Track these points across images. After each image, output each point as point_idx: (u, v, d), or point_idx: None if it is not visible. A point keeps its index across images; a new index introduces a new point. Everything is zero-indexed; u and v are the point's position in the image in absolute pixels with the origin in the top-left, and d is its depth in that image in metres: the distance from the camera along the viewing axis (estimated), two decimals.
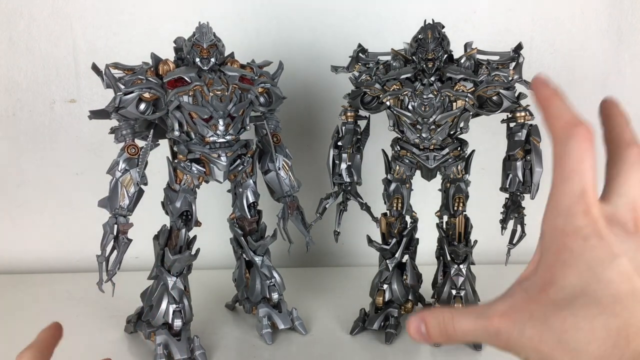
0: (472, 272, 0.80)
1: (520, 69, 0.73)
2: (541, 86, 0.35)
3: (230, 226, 0.80)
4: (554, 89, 0.35)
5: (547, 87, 0.35)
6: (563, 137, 0.31)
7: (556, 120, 0.32)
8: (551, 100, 0.34)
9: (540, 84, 0.35)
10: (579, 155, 0.30)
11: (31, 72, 1.00)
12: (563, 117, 0.32)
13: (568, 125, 0.31)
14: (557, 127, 0.32)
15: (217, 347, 0.77)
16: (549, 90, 0.34)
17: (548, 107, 0.33)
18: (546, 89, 0.35)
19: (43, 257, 1.08)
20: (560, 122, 0.32)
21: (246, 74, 0.71)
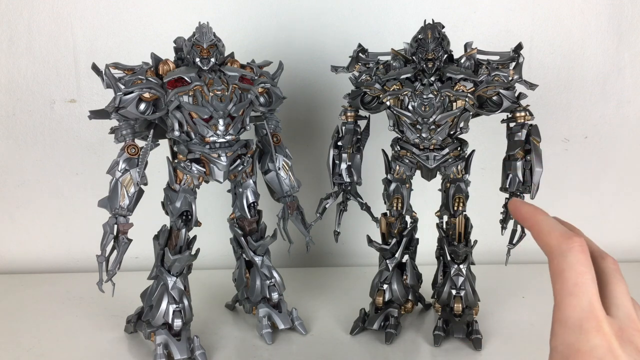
0: (472, 272, 0.80)
1: (520, 69, 0.73)
2: (520, 206, 0.36)
3: (230, 226, 0.80)
4: (534, 206, 0.36)
5: (527, 206, 0.36)
6: (560, 251, 0.32)
7: (549, 234, 0.33)
8: (536, 216, 0.35)
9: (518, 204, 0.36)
10: (580, 268, 0.31)
11: (31, 72, 1.00)
12: (555, 231, 0.33)
13: (563, 239, 0.32)
14: (552, 241, 0.33)
15: (217, 347, 0.77)
16: (530, 208, 0.36)
17: (536, 223, 0.34)
18: (526, 207, 0.36)
19: (43, 257, 1.08)
20: (553, 235, 0.33)
21: (246, 74, 0.71)
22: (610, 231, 1.10)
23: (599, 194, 1.09)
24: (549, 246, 0.33)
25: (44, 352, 0.76)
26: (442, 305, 0.80)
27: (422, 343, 0.78)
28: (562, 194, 1.08)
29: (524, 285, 0.95)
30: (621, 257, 1.14)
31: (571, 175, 1.08)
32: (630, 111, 1.05)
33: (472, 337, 0.76)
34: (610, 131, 1.05)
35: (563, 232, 0.33)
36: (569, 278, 0.31)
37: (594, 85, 1.04)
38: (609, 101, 1.04)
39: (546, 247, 0.33)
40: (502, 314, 0.85)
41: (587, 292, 0.31)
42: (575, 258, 0.31)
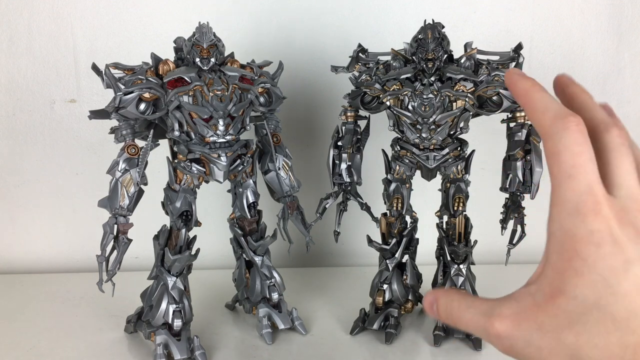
0: (472, 272, 0.80)
1: (520, 69, 0.73)
2: (518, 79, 0.33)
3: (230, 226, 0.80)
4: (532, 80, 0.33)
5: (525, 80, 0.33)
6: (555, 131, 0.30)
7: (542, 114, 0.31)
8: (532, 93, 0.32)
9: (516, 76, 0.33)
10: (577, 148, 0.29)
11: (31, 72, 1.00)
12: (549, 110, 0.31)
13: (557, 118, 0.30)
14: (546, 121, 0.30)
15: (217, 347, 0.77)
16: (527, 83, 0.33)
17: (530, 100, 0.32)
18: (524, 81, 0.33)
19: (43, 257, 1.08)
20: (547, 115, 0.30)
21: (246, 74, 0.71)
22: None
23: None
24: (542, 127, 0.30)
25: (44, 352, 0.76)
26: None
27: (422, 343, 0.78)
28: None
29: None
30: None
31: None
32: (630, 111, 1.05)
33: (472, 337, 0.76)
34: None
35: (558, 110, 0.30)
36: (565, 160, 0.29)
37: (594, 85, 1.04)
38: (609, 101, 1.03)
39: (540, 128, 0.31)
40: None
41: (585, 174, 0.28)
42: (571, 138, 0.29)
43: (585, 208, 0.28)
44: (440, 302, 0.35)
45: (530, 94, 0.32)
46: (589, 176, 0.28)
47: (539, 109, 0.31)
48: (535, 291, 0.30)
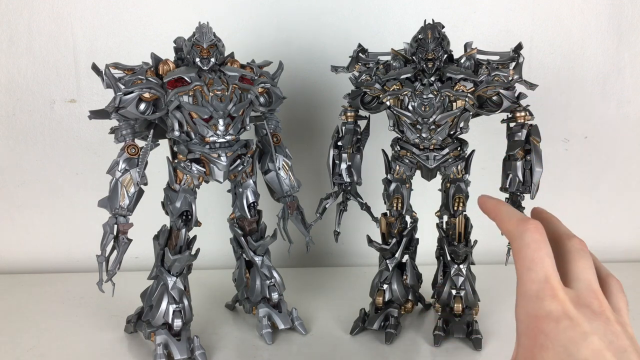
0: (472, 272, 0.80)
1: (520, 69, 0.73)
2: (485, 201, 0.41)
3: (230, 226, 0.80)
4: (497, 199, 0.41)
5: (490, 199, 0.40)
6: (517, 233, 0.36)
7: (508, 221, 0.37)
8: (498, 208, 0.39)
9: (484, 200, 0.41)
10: (535, 245, 0.34)
11: (31, 72, 1.00)
12: (513, 217, 0.37)
13: (519, 222, 0.36)
14: (511, 226, 0.37)
15: (217, 347, 0.77)
16: (492, 201, 0.40)
17: (498, 213, 0.39)
18: (490, 201, 0.40)
19: (43, 257, 1.08)
20: (512, 221, 0.37)
21: (246, 74, 0.71)
22: (610, 231, 1.10)
23: (598, 194, 1.09)
24: (509, 232, 0.37)
25: (44, 352, 0.76)
26: (442, 305, 0.80)
27: (422, 343, 0.78)
28: (562, 194, 1.08)
29: None
30: (621, 257, 1.14)
31: (571, 175, 1.08)
32: (630, 111, 1.05)
33: (472, 337, 0.76)
34: (610, 131, 1.05)
35: (520, 217, 0.37)
36: (525, 255, 0.34)
37: (594, 85, 1.04)
38: (609, 101, 1.04)
39: (507, 234, 0.37)
40: (502, 314, 0.85)
41: (542, 265, 0.34)
42: (530, 237, 0.35)
43: (543, 293, 0.33)
44: None
45: (498, 207, 0.39)
46: (545, 268, 0.34)
47: (505, 218, 0.38)
48: None
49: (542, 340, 0.32)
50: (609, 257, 1.09)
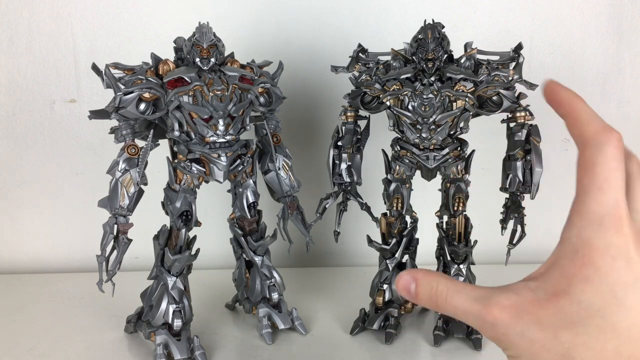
0: (472, 272, 0.80)
1: (520, 69, 0.73)
2: (560, 89, 0.33)
3: (230, 226, 0.80)
4: (574, 92, 0.34)
5: (567, 90, 0.33)
6: (595, 143, 0.30)
7: (587, 124, 0.31)
8: (576, 103, 0.33)
9: (558, 86, 0.34)
10: (613, 164, 0.30)
11: (31, 72, 1.00)
12: (594, 122, 0.31)
13: (601, 131, 0.31)
14: (589, 131, 0.31)
15: (217, 347, 0.77)
16: (570, 93, 0.33)
17: (574, 110, 0.32)
18: (566, 91, 0.33)
19: (43, 257, 1.08)
20: (591, 126, 0.31)
21: (246, 74, 0.71)
22: None
23: None
24: (583, 136, 0.31)
25: (44, 352, 0.76)
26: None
27: (422, 343, 0.78)
28: (562, 194, 1.07)
29: None
30: None
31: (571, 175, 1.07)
32: (630, 111, 1.05)
33: (472, 337, 0.76)
34: None
35: (602, 124, 0.31)
36: (600, 172, 0.30)
37: (594, 85, 1.04)
38: (609, 101, 1.04)
39: (580, 137, 0.31)
40: None
41: (615, 189, 0.29)
42: (611, 152, 0.30)
43: (608, 222, 0.29)
44: (421, 284, 0.33)
45: (574, 104, 0.32)
46: (618, 193, 0.29)
47: (583, 119, 0.32)
48: (536, 288, 0.30)
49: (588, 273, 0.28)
50: None
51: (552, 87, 0.33)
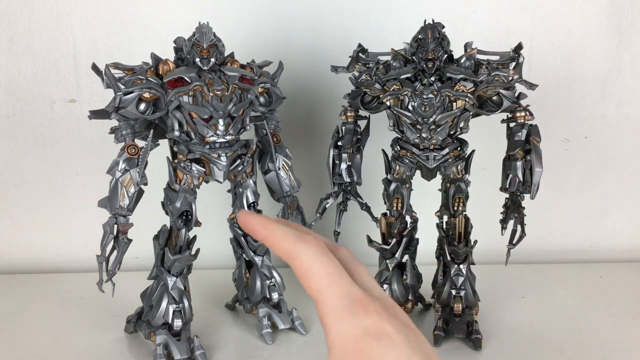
0: (472, 272, 0.80)
1: (520, 69, 0.73)
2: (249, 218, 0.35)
3: (230, 226, 0.80)
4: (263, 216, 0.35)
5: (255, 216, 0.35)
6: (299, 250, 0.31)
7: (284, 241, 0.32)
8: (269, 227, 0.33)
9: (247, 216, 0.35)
10: (325, 259, 0.31)
11: (31, 72, 1.00)
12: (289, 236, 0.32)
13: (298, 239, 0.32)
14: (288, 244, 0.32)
15: (217, 347, 0.77)
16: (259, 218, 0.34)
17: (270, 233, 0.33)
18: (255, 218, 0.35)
19: (43, 257, 1.08)
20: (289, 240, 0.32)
21: (246, 74, 0.71)
22: (610, 231, 1.10)
23: (599, 194, 1.09)
24: (287, 250, 0.32)
25: (44, 352, 0.76)
26: (442, 305, 0.80)
27: None
28: (563, 194, 1.08)
29: (524, 285, 0.95)
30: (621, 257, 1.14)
31: (571, 175, 1.08)
32: (630, 111, 1.05)
33: (472, 337, 0.76)
34: (610, 131, 1.05)
35: (297, 234, 0.32)
36: (318, 271, 0.30)
37: (594, 85, 1.04)
38: (609, 101, 1.04)
39: (285, 253, 0.32)
40: (502, 314, 0.85)
41: (341, 278, 0.30)
42: (316, 251, 0.31)
43: (354, 308, 0.29)
44: None
45: (267, 227, 0.33)
46: (345, 281, 0.30)
47: (280, 237, 0.32)
48: None
49: None
50: (609, 257, 1.09)
51: (243, 217, 0.35)
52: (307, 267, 0.31)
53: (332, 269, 0.30)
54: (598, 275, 1.01)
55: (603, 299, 0.91)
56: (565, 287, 0.95)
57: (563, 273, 1.01)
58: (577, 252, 1.11)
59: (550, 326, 0.82)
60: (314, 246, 0.31)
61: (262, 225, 0.34)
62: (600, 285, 0.97)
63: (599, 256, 1.10)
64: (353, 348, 0.28)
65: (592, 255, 1.11)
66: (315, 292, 0.30)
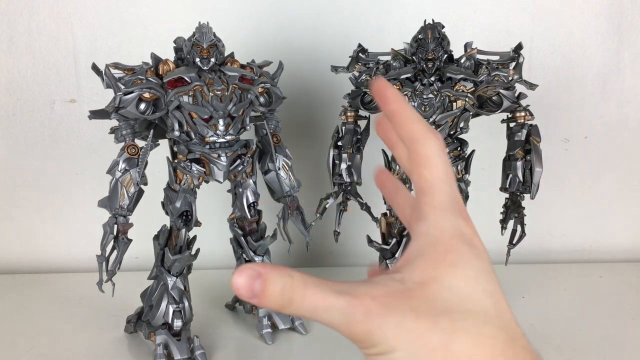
0: None
1: (520, 69, 0.73)
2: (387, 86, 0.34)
3: (230, 226, 0.80)
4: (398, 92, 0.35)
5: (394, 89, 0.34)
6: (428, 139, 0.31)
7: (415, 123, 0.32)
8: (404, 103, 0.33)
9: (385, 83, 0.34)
10: (446, 158, 0.32)
11: (31, 72, 1.00)
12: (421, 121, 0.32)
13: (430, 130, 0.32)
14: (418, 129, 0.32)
15: (217, 347, 0.77)
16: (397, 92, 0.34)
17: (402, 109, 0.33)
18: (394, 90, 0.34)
19: (43, 257, 1.08)
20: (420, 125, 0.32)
21: (246, 74, 0.71)
22: (610, 231, 1.10)
23: (599, 194, 1.09)
24: (415, 133, 0.32)
25: (44, 352, 0.76)
26: None
27: None
28: (562, 194, 1.08)
29: (524, 285, 0.95)
30: (621, 257, 1.14)
31: (571, 175, 1.08)
32: (630, 111, 1.05)
33: None
34: (610, 131, 1.05)
35: (427, 123, 0.33)
36: (439, 165, 0.31)
37: (594, 85, 1.04)
38: (609, 101, 1.04)
39: (410, 134, 0.32)
40: None
41: (453, 182, 0.31)
42: (442, 146, 0.32)
43: (457, 211, 0.31)
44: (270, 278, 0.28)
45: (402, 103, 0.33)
46: (455, 185, 0.32)
47: (411, 118, 0.32)
48: (402, 279, 0.29)
49: (453, 258, 0.29)
50: (609, 257, 1.09)
51: (380, 83, 0.34)
52: (430, 156, 0.31)
53: (448, 169, 0.31)
54: (598, 275, 1.01)
55: (603, 299, 0.91)
56: (565, 287, 0.95)
57: (563, 273, 1.01)
58: (577, 252, 1.11)
59: (550, 326, 0.82)
60: (440, 141, 0.32)
61: (397, 99, 0.33)
62: (600, 285, 0.97)
63: (599, 256, 1.10)
64: (447, 241, 0.29)
65: (592, 255, 1.11)
66: (426, 182, 0.31)
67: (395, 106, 0.33)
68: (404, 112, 0.32)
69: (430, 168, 0.31)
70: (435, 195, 0.31)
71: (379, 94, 0.33)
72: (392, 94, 0.33)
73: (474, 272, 0.29)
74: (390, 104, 0.33)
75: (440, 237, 0.30)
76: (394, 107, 0.33)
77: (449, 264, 0.29)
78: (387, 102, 0.33)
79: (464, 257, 0.29)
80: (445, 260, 0.29)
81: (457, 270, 0.28)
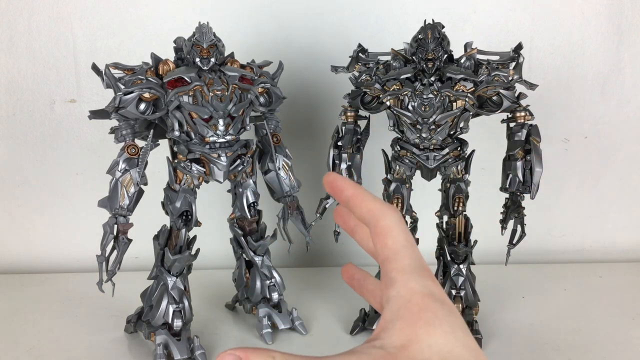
0: (472, 272, 0.80)
1: (520, 69, 0.73)
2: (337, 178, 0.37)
3: (230, 226, 0.80)
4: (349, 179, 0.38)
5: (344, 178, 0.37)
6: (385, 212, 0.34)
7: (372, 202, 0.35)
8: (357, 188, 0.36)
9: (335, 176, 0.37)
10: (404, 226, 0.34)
11: (31, 72, 1.00)
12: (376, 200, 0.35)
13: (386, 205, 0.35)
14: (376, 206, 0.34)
15: (217, 347, 0.77)
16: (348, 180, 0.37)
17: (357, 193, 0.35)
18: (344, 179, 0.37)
19: (43, 257, 1.08)
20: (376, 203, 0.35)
21: (246, 74, 0.71)
22: (610, 231, 1.10)
23: (599, 193, 1.09)
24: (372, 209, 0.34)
25: (44, 352, 0.76)
26: None
27: None
28: (562, 194, 1.08)
29: (524, 285, 0.95)
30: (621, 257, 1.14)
31: (571, 175, 1.08)
32: (630, 111, 1.05)
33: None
34: (610, 131, 1.05)
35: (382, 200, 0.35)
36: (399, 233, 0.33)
37: (594, 85, 1.04)
38: (609, 101, 1.04)
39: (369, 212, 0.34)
40: (502, 314, 0.85)
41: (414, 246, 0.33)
42: (399, 217, 0.34)
43: (425, 272, 0.32)
44: None
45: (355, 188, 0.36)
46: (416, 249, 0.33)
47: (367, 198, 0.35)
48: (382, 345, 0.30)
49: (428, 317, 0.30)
50: (609, 257, 1.09)
51: (329, 178, 0.37)
52: (390, 227, 0.34)
53: (409, 236, 0.34)
54: (598, 275, 1.01)
55: (603, 299, 0.91)
56: (565, 287, 0.95)
57: (563, 273, 1.01)
58: (577, 252, 1.11)
59: (550, 326, 0.82)
60: (398, 213, 0.34)
61: (349, 186, 0.36)
62: (600, 285, 0.97)
63: (599, 256, 1.10)
64: (418, 301, 0.31)
65: (592, 255, 1.11)
66: (390, 250, 0.33)
67: (349, 191, 0.35)
68: (359, 195, 0.35)
69: (392, 237, 0.33)
70: (400, 260, 0.33)
71: (331, 186, 0.36)
72: (343, 183, 0.36)
73: (450, 328, 0.30)
74: (345, 191, 0.36)
75: (411, 298, 0.31)
76: (348, 193, 0.36)
77: (425, 323, 0.30)
78: (341, 191, 0.36)
79: (438, 314, 0.30)
80: (420, 320, 0.30)
81: (433, 328, 0.30)
